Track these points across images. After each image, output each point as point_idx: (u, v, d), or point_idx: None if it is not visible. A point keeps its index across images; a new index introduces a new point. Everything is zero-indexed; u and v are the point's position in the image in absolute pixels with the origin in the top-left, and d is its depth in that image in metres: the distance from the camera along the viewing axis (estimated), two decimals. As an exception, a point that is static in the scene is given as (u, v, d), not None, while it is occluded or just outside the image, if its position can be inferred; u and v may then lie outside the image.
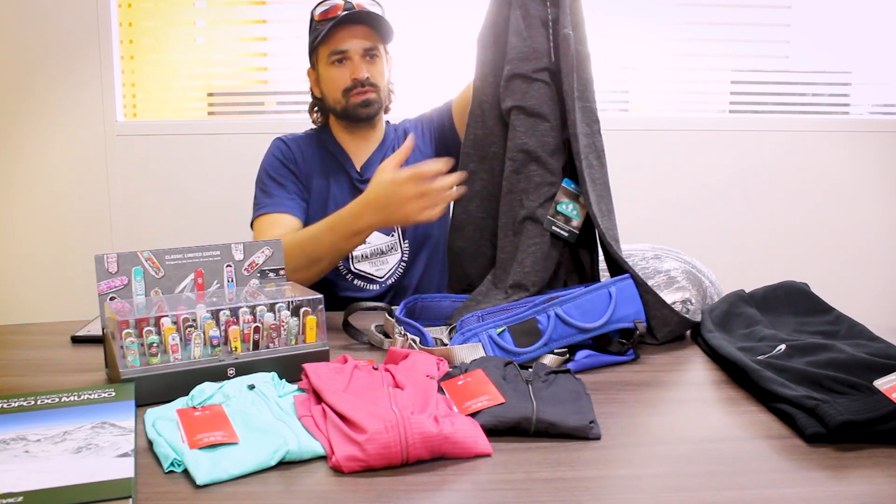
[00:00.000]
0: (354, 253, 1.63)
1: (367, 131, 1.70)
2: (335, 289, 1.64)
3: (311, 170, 1.67)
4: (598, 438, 0.88)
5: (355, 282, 1.65)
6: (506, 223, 1.33)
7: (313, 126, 1.76)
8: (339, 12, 1.57)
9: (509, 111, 1.32)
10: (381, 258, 1.65)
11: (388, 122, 1.77)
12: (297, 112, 2.39)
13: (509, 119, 1.32)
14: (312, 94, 1.72)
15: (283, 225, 1.57)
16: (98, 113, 2.27)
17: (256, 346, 1.05)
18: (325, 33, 1.58)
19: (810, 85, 2.46)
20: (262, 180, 1.66)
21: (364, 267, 1.64)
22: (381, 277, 1.65)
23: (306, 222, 1.59)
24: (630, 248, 1.81)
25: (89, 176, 2.29)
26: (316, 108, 1.73)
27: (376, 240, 1.63)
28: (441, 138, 1.73)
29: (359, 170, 1.68)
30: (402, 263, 1.66)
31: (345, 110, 1.63)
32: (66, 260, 2.31)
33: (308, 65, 1.71)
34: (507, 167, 1.32)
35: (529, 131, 1.29)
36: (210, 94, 2.39)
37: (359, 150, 1.70)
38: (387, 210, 1.32)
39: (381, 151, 1.70)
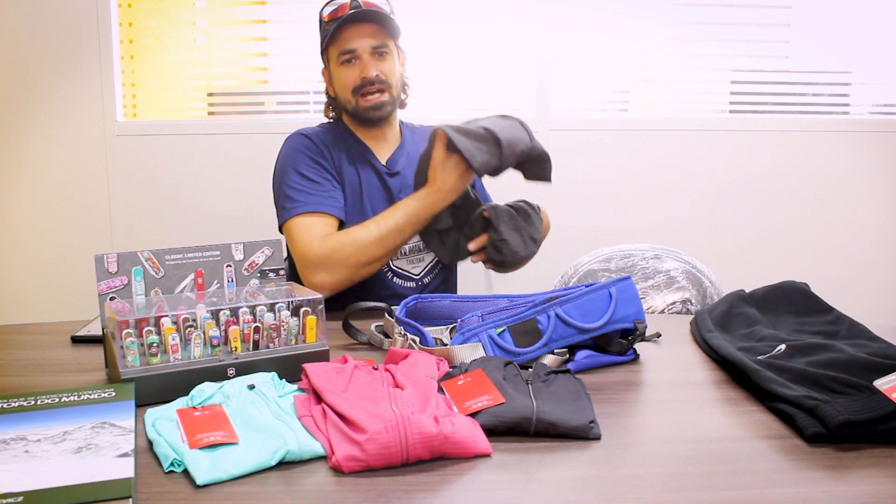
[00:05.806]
0: None
1: (384, 129, 1.68)
2: (375, 286, 1.60)
3: (340, 161, 1.62)
4: (598, 438, 0.88)
5: (394, 279, 1.63)
6: None
7: (327, 121, 1.73)
8: (346, 12, 1.56)
9: None
10: (417, 255, 1.64)
11: (401, 122, 1.74)
12: (296, 112, 2.39)
13: None
14: (327, 93, 1.71)
15: (326, 225, 1.52)
16: (98, 113, 2.27)
17: (256, 346, 1.05)
18: (332, 33, 1.57)
19: (810, 85, 2.46)
20: (291, 178, 1.57)
21: (402, 264, 1.63)
22: (417, 275, 1.64)
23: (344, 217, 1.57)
24: (630, 248, 1.81)
25: (89, 176, 2.29)
26: (332, 107, 1.72)
27: (414, 237, 1.58)
28: None
29: (384, 163, 1.66)
30: (436, 260, 1.66)
31: (356, 112, 1.62)
32: (66, 260, 2.31)
33: (321, 65, 1.70)
34: None
35: None
36: (210, 94, 2.39)
37: (378, 146, 1.68)
38: (453, 194, 1.48)
39: (403, 149, 1.69)
